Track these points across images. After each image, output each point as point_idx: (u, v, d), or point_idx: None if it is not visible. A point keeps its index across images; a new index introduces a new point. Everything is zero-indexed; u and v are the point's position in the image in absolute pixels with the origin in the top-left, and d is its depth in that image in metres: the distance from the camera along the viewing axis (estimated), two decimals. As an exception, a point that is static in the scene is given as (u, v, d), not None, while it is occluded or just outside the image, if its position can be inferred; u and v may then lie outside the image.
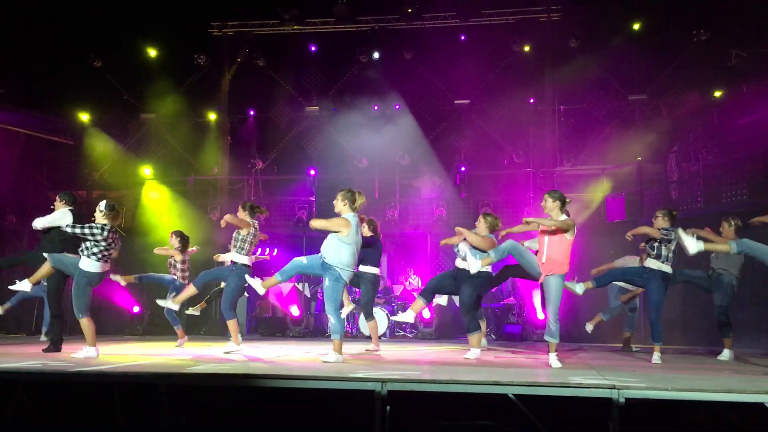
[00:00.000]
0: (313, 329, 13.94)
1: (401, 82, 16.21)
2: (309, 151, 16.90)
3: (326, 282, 6.72)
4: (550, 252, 6.54)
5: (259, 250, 10.98)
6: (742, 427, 4.63)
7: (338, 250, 6.70)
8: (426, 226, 14.27)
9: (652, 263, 7.56)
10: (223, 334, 13.66)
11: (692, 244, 6.79)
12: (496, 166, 16.18)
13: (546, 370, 6.24)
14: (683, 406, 4.65)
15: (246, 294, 13.90)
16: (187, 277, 9.52)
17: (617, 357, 8.28)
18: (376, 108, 16.05)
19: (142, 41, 16.36)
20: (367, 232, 8.84)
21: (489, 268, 7.63)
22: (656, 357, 7.45)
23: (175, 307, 8.82)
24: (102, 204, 7.25)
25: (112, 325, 13.10)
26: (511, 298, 14.41)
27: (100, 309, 9.46)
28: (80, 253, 7.00)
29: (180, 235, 9.59)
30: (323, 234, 7.00)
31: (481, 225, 7.90)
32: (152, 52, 16.54)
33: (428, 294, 8.12)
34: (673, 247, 7.50)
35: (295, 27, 16.53)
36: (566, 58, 15.37)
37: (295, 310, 13.51)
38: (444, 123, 16.84)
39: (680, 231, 7.07)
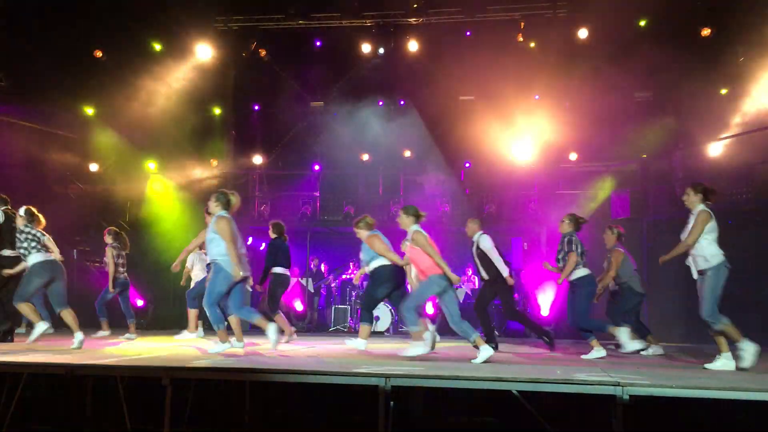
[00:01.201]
0: (317, 324, 13.96)
1: (406, 77, 16.17)
2: (313, 147, 16.88)
3: (210, 275, 7.40)
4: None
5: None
6: (747, 425, 4.63)
7: (218, 243, 7.11)
8: (430, 222, 14.23)
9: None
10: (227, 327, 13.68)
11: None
12: (500, 162, 16.13)
13: (550, 367, 6.23)
14: (687, 404, 4.64)
15: (249, 289, 13.92)
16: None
17: (621, 354, 8.26)
18: (380, 103, 16.03)
19: (147, 35, 16.33)
20: (272, 234, 9.54)
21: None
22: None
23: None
24: (21, 210, 7.82)
25: (116, 319, 13.09)
26: (515, 295, 14.40)
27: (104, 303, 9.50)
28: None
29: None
30: (327, 229, 7.18)
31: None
32: (157, 46, 16.52)
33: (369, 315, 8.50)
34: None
35: (300, 22, 16.48)
36: (572, 54, 15.31)
37: (298, 305, 13.52)
38: (449, 119, 16.80)
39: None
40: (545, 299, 12.59)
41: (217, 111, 16.74)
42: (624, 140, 14.84)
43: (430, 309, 13.09)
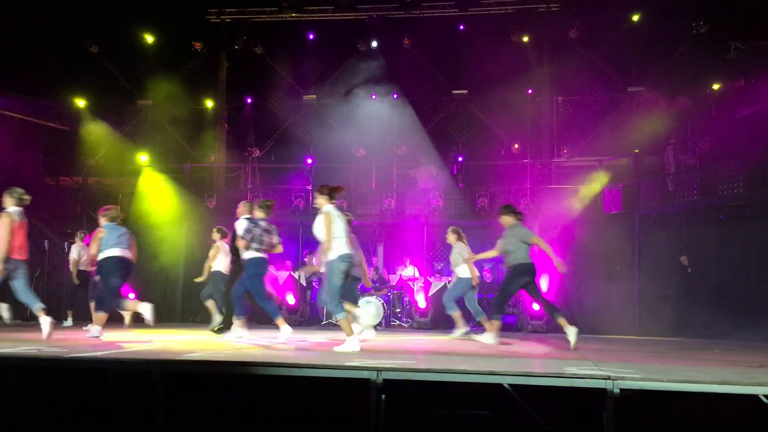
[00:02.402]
0: (309, 318, 13.95)
1: (399, 71, 16.17)
2: (306, 140, 16.86)
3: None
4: None
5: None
6: (737, 419, 4.65)
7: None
8: (423, 215, 14.26)
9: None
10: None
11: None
12: (493, 156, 16.16)
13: (541, 361, 6.25)
14: (678, 398, 4.66)
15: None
16: None
17: (613, 348, 8.30)
18: (374, 97, 16.00)
19: (139, 27, 16.27)
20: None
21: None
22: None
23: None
24: None
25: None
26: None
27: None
28: None
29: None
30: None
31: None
32: (149, 39, 16.45)
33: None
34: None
35: (293, 14, 16.45)
36: (565, 49, 15.35)
37: (291, 299, 13.51)
38: (442, 113, 16.82)
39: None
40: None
41: (209, 104, 16.69)
42: (617, 135, 14.90)
43: (422, 303, 13.12)
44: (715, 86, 14.02)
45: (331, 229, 6.85)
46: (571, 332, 7.41)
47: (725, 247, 11.45)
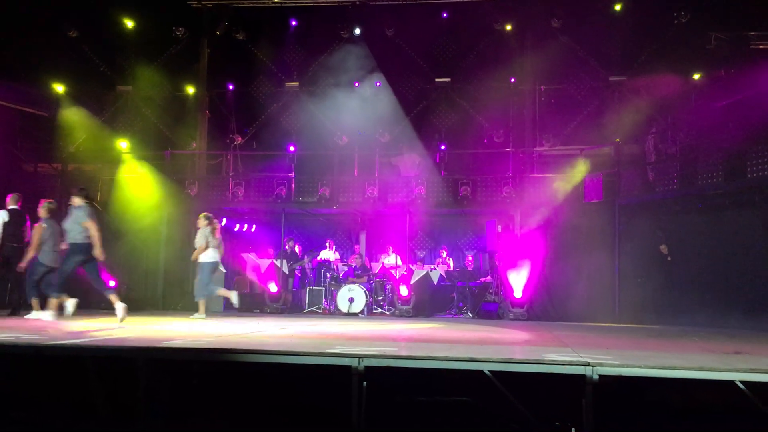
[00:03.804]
0: (291, 305, 13.95)
1: (382, 59, 16.09)
2: (288, 127, 16.77)
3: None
4: None
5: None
6: (714, 405, 4.71)
7: None
8: (405, 204, 14.27)
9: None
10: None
11: None
12: (476, 145, 16.19)
13: (522, 348, 6.30)
14: (656, 384, 4.71)
15: (223, 270, 13.87)
16: None
17: (593, 335, 8.38)
18: (356, 85, 15.94)
19: (119, 12, 16.05)
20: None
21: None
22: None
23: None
24: None
25: (88, 300, 12.95)
26: (489, 277, 14.52)
27: (75, 282, 9.36)
28: None
29: None
30: (301, 211, 7.10)
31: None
32: (129, 23, 16.24)
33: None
34: None
35: (275, 1, 16.30)
36: (547, 37, 15.34)
37: (273, 287, 13.49)
38: (425, 101, 16.80)
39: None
40: (518, 281, 12.70)
41: (190, 90, 16.53)
42: (598, 124, 14.98)
43: (404, 291, 13.16)
44: (696, 76, 14.12)
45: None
46: (119, 308, 8.35)
47: (704, 236, 11.58)
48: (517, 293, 12.70)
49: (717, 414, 4.72)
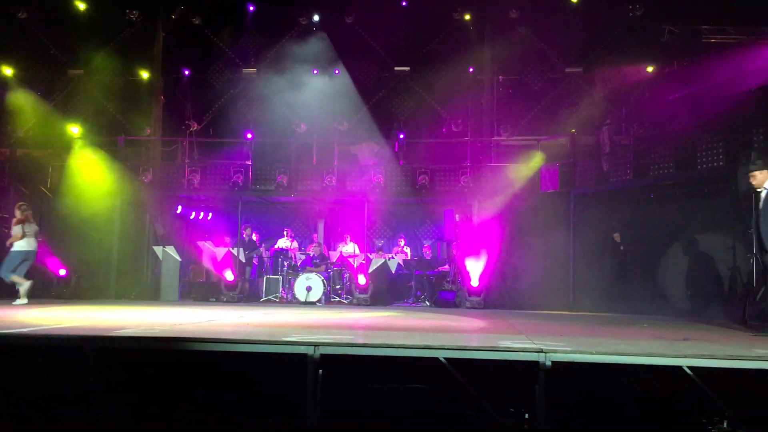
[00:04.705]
0: (248, 294, 13.83)
1: (341, 46, 16.00)
2: (246, 114, 16.55)
3: None
4: None
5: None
6: (664, 391, 4.82)
7: None
8: (364, 192, 14.25)
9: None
10: (156, 298, 13.42)
11: None
12: (434, 134, 16.24)
13: (477, 336, 6.35)
14: (607, 370, 4.80)
15: (179, 258, 13.67)
16: None
17: (547, 323, 8.50)
18: (315, 72, 15.82)
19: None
20: None
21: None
22: None
23: None
24: None
25: (37, 288, 12.64)
26: (446, 266, 14.61)
27: (28, 272, 9.17)
28: None
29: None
30: (259, 199, 7.00)
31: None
32: (81, 5, 15.78)
33: None
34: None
35: (232, -15, 16.05)
36: (506, 28, 15.44)
37: (229, 275, 13.34)
38: (383, 89, 16.77)
39: None
40: (475, 269, 12.81)
41: (144, 75, 16.18)
42: (554, 114, 15.17)
43: (362, 280, 13.15)
44: (650, 68, 14.38)
45: None
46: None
47: (656, 225, 11.84)
48: (474, 282, 12.80)
49: (665, 398, 4.84)
